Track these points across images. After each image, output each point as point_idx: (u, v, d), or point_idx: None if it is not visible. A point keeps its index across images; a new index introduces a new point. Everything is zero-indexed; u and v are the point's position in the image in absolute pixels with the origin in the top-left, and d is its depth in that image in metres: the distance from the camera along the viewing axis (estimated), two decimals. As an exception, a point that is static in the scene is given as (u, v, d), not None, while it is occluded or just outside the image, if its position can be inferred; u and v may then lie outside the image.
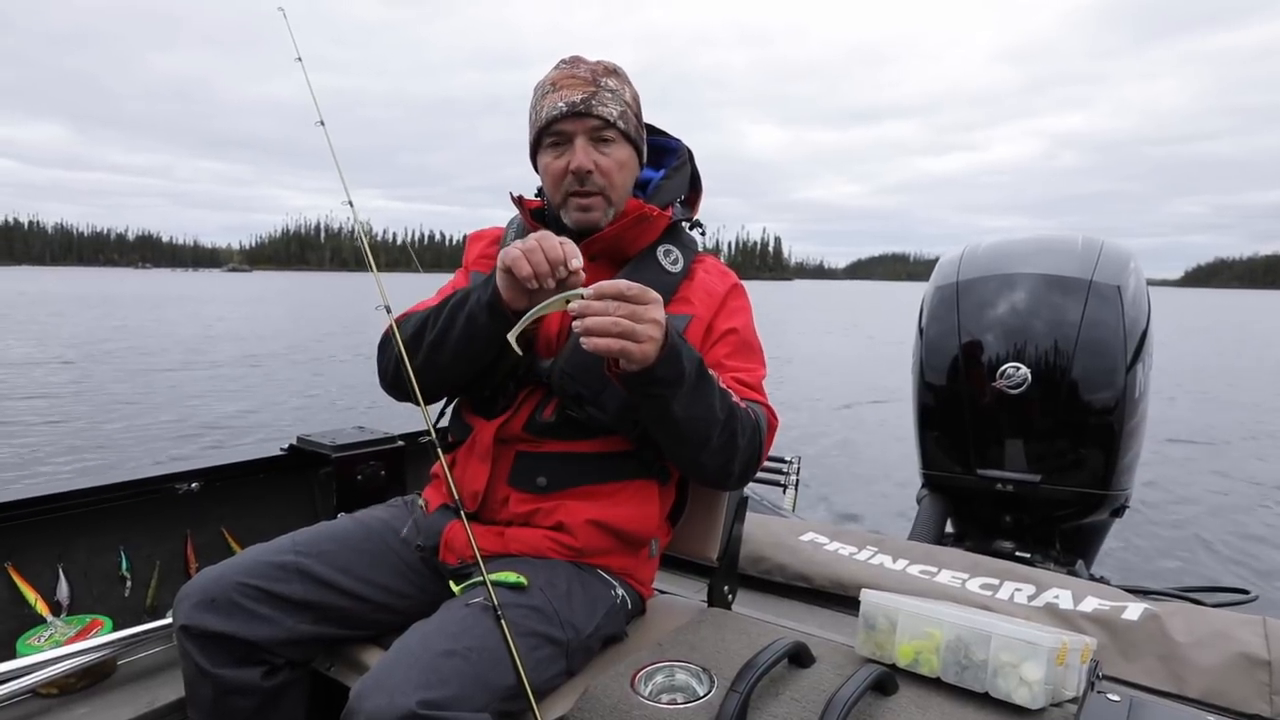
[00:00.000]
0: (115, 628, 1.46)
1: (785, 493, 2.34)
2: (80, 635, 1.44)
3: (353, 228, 1.38)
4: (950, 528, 2.43)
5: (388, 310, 1.27)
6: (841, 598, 1.74)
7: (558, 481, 1.24)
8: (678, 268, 1.31)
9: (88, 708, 1.34)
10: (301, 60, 1.43)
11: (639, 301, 0.99)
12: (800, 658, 1.10)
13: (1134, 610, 1.50)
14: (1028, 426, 2.14)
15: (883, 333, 25.85)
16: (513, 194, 1.36)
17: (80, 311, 29.15)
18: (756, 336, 1.35)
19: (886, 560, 1.83)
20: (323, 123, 1.41)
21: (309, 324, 24.98)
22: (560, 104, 1.21)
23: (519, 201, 1.36)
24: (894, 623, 1.09)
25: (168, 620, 1.35)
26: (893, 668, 1.06)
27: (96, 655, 1.38)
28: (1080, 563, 2.19)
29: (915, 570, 1.77)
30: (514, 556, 1.22)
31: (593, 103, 1.21)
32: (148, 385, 11.04)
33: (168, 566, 1.76)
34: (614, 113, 1.23)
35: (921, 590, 1.65)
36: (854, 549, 1.90)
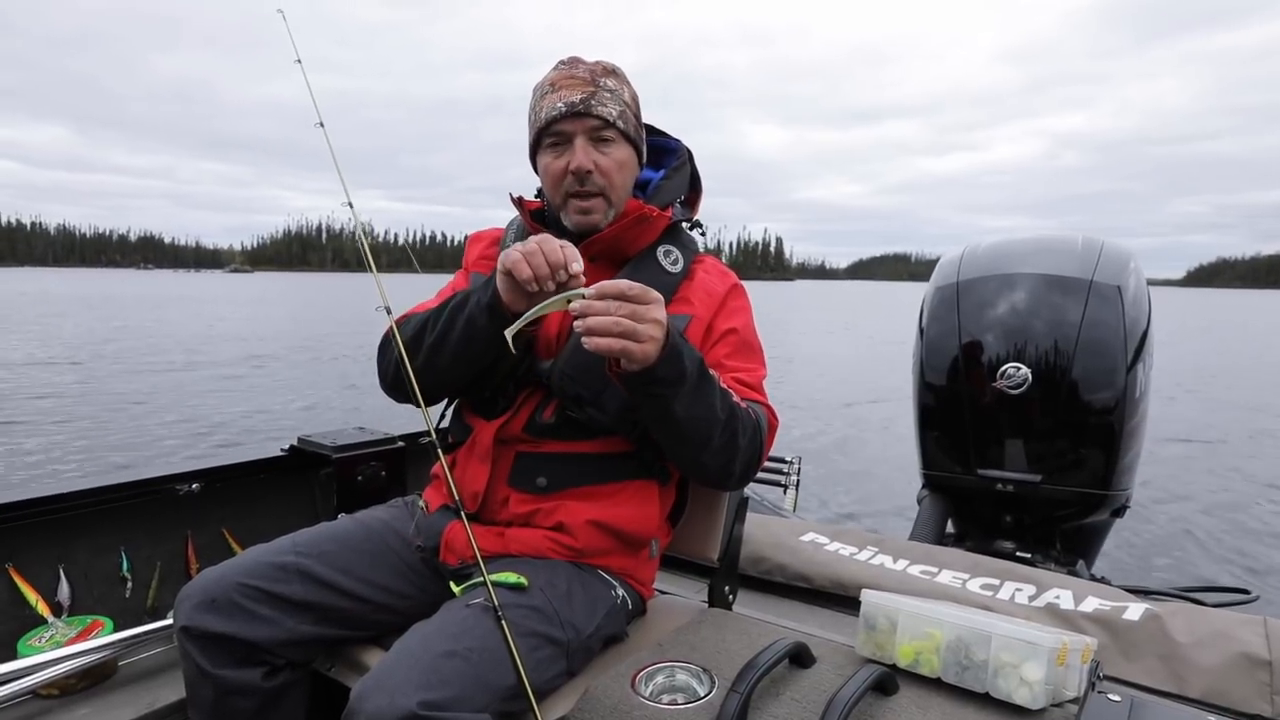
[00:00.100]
0: (116, 628, 1.46)
1: (785, 493, 2.34)
2: (81, 636, 1.44)
3: (354, 229, 1.38)
4: (951, 528, 2.43)
5: (388, 311, 1.27)
6: (842, 598, 1.74)
7: (558, 482, 1.24)
8: (678, 268, 1.31)
9: (88, 709, 1.34)
10: (301, 62, 1.43)
11: (640, 301, 0.99)
12: (801, 658, 1.10)
13: (1135, 610, 1.50)
14: (1028, 426, 2.14)
15: (883, 333, 25.84)
16: (512, 195, 1.36)
17: (82, 312, 29.16)
18: (756, 336, 1.35)
19: (887, 560, 1.83)
20: (322, 124, 1.41)
21: (310, 324, 24.99)
22: (559, 104, 1.21)
23: (519, 202, 1.36)
24: (894, 623, 1.09)
25: (168, 621, 1.35)
26: (893, 668, 1.06)
27: (97, 656, 1.38)
28: (1081, 563, 2.19)
29: (916, 570, 1.77)
30: (514, 557, 1.22)
31: (592, 103, 1.21)
32: (148, 385, 11.05)
33: (168, 567, 1.76)
34: (613, 112, 1.23)
35: (922, 590, 1.65)
36: (854, 549, 1.90)
